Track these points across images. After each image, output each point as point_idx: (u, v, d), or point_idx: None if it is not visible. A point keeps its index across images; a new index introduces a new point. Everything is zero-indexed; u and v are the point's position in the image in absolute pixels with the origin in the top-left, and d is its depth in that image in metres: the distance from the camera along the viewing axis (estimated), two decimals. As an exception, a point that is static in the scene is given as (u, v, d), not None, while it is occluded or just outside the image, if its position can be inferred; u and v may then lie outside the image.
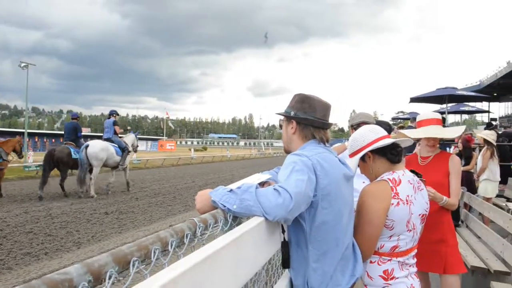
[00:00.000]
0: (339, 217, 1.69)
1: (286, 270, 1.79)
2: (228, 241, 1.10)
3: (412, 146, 3.47)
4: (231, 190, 1.52)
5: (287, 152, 1.85)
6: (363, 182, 2.20)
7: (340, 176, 1.74)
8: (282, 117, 1.94)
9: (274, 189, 1.47)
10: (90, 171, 12.30)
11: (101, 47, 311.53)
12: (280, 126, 1.98)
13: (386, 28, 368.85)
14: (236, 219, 1.53)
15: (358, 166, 2.13)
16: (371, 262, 1.96)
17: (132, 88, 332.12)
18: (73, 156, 12.00)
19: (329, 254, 1.66)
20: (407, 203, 1.91)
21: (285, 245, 1.67)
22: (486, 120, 33.83)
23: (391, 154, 2.03)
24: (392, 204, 1.88)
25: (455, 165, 2.96)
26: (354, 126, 3.32)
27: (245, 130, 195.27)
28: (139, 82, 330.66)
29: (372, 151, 2.04)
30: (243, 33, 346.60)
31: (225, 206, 1.48)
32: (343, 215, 1.72)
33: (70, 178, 12.82)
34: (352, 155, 2.10)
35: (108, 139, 12.84)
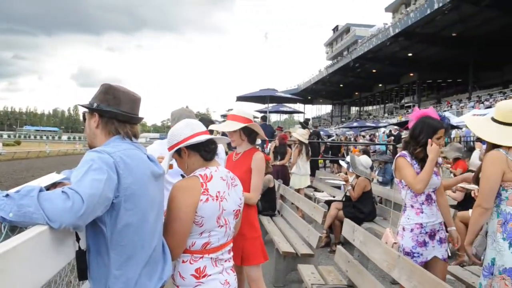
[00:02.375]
0: (145, 218, 1.58)
1: (86, 281, 1.59)
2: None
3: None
4: (7, 195, 1.25)
5: (92, 148, 1.66)
6: None
7: (147, 174, 1.63)
8: (86, 109, 1.73)
9: (63, 191, 1.27)
10: None
11: None
12: (84, 119, 1.77)
13: (218, 29, 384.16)
14: (16, 229, 1.27)
15: (176, 160, 2.08)
16: (183, 261, 1.91)
17: None
18: None
19: (134, 259, 1.54)
20: (217, 199, 1.92)
21: (80, 255, 1.48)
22: (302, 120, 38.38)
23: (205, 151, 2.02)
24: (201, 200, 1.86)
25: (256, 162, 3.05)
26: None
27: (69, 123, 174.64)
28: None
29: (187, 147, 2.00)
30: (66, 15, 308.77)
31: None
32: (149, 215, 1.61)
33: None
34: (169, 149, 2.04)
35: None
